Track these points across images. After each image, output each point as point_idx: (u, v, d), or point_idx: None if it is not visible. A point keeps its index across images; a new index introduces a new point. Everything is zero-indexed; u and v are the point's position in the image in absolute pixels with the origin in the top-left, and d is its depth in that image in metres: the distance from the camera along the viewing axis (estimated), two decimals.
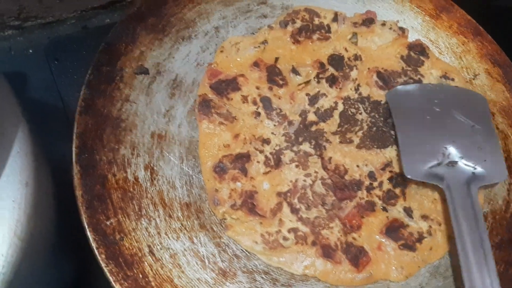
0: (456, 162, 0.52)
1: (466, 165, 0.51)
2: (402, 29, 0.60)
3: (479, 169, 0.51)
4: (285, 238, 0.48)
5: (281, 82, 0.55)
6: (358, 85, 0.56)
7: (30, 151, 0.37)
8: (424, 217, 0.51)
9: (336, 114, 0.55)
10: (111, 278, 0.42)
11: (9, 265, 0.34)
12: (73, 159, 0.46)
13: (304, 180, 0.51)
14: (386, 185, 0.52)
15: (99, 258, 0.42)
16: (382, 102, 0.56)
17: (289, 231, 0.48)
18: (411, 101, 0.56)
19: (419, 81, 0.57)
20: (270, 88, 0.54)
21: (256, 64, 0.55)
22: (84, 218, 0.43)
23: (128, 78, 0.51)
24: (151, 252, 0.44)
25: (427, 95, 0.56)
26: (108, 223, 0.44)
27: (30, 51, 0.75)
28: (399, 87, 0.56)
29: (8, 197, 0.35)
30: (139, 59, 0.52)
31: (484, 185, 0.52)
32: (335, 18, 0.60)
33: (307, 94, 0.55)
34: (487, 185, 0.53)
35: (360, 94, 0.56)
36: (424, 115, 0.54)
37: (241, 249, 0.47)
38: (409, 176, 0.51)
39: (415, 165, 0.51)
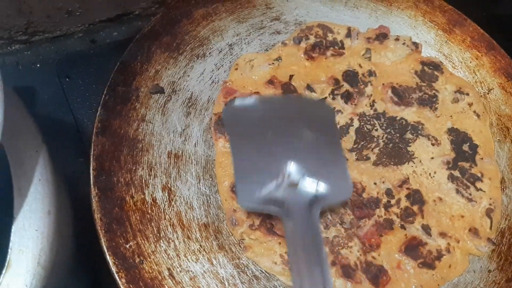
0: (296, 184, 0.46)
1: (308, 185, 0.46)
2: (415, 44, 0.60)
3: (322, 189, 0.46)
4: None
5: None
6: (373, 101, 0.56)
7: (51, 178, 0.37)
8: (442, 235, 0.50)
9: (352, 131, 0.54)
10: None
11: None
12: (91, 181, 0.45)
13: None
14: (404, 203, 0.52)
15: (119, 282, 0.42)
16: (398, 118, 0.56)
17: None
18: (249, 117, 0.49)
19: (435, 96, 0.57)
20: None
21: (270, 81, 0.55)
22: (103, 242, 0.43)
23: (143, 98, 0.51)
24: (171, 275, 0.44)
25: (268, 108, 0.50)
26: (127, 246, 0.44)
27: (38, 65, 0.74)
28: (236, 101, 0.50)
29: (31, 227, 0.35)
30: (155, 78, 0.52)
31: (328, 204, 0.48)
32: (348, 34, 0.59)
33: None
34: (332, 204, 0.48)
35: (375, 110, 0.56)
36: (264, 131, 0.48)
37: (261, 270, 0.47)
38: (243, 207, 0.46)
39: (250, 192, 0.45)
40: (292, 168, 0.46)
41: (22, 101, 0.39)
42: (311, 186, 0.46)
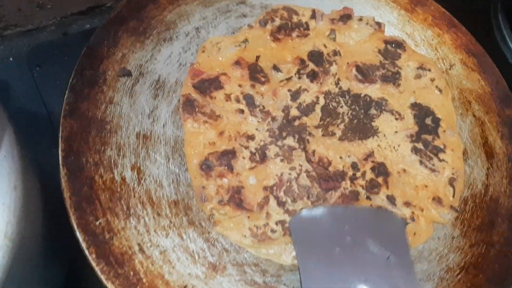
0: None
1: None
2: (378, 24, 0.62)
3: None
4: (273, 231, 0.49)
5: (263, 79, 0.56)
6: (338, 79, 0.58)
7: (17, 155, 0.38)
8: (407, 204, 0.52)
9: (318, 108, 0.56)
10: (102, 277, 0.42)
11: (1, 267, 0.34)
12: (59, 162, 0.46)
13: (289, 174, 0.52)
14: (369, 175, 0.53)
15: (89, 257, 0.43)
16: (362, 95, 0.57)
17: (276, 223, 0.49)
18: (317, 230, 0.48)
19: (398, 73, 0.59)
20: (253, 86, 0.55)
21: (237, 62, 0.56)
22: (73, 220, 0.44)
23: (111, 81, 0.52)
24: (141, 250, 0.45)
25: (336, 220, 0.49)
26: (97, 223, 0.45)
27: (11, 59, 0.75)
28: (303, 212, 0.49)
29: None
30: (122, 61, 0.53)
31: None
32: (313, 15, 0.61)
33: (289, 90, 0.56)
34: None
35: (340, 88, 0.57)
36: (333, 246, 0.47)
37: (230, 243, 0.48)
38: None
39: None
40: None
41: None
42: None
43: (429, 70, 0.60)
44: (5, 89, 0.71)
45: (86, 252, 0.43)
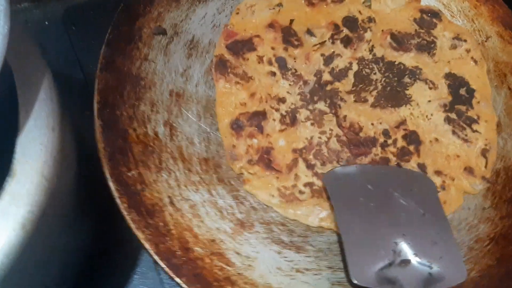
0: (409, 261, 0.44)
1: (420, 264, 0.44)
2: None
3: (435, 268, 0.44)
4: (301, 192, 0.49)
5: (296, 43, 0.56)
6: (372, 46, 0.57)
7: (55, 97, 0.38)
8: (438, 173, 0.51)
9: (350, 74, 0.55)
10: (133, 226, 0.43)
11: (36, 204, 0.35)
12: (94, 114, 0.47)
13: (319, 137, 0.52)
14: (401, 143, 0.53)
15: (121, 207, 0.43)
16: (396, 63, 0.57)
17: (304, 185, 0.49)
18: (351, 185, 0.48)
19: (433, 42, 0.58)
20: (285, 49, 0.55)
21: (271, 25, 0.56)
22: (106, 170, 0.44)
23: (146, 38, 0.52)
24: (171, 202, 0.45)
25: (369, 177, 0.49)
26: (129, 174, 0.45)
27: (46, 23, 0.76)
28: (336, 169, 0.50)
29: (35, 140, 0.36)
30: (157, 20, 0.53)
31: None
32: None
33: (322, 55, 0.56)
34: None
35: (374, 55, 0.57)
36: (368, 202, 0.47)
37: (258, 202, 0.49)
38: (356, 282, 0.43)
39: (364, 268, 0.43)
40: (403, 245, 0.45)
41: (26, 31, 0.41)
42: (424, 265, 0.44)
43: (465, 41, 0.59)
44: (42, 53, 0.72)
45: (118, 201, 0.44)
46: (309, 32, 0.56)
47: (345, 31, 0.57)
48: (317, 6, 0.58)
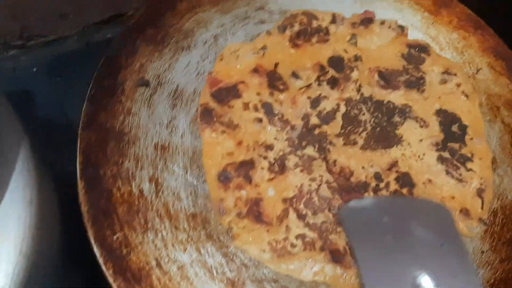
0: None
1: None
2: (401, 27, 0.59)
3: None
4: (292, 245, 0.48)
5: (281, 87, 0.55)
6: (360, 85, 0.56)
7: (33, 168, 0.37)
8: None
9: (338, 116, 0.54)
10: None
11: (15, 284, 0.34)
12: (77, 174, 0.46)
13: (310, 185, 0.50)
14: (393, 186, 0.51)
15: (107, 273, 0.43)
16: (385, 102, 0.56)
17: (296, 237, 0.48)
18: (368, 219, 0.48)
19: (422, 78, 0.57)
20: (271, 94, 0.54)
21: (256, 70, 0.55)
22: (90, 234, 0.44)
23: (129, 91, 0.51)
24: (158, 265, 0.44)
25: (385, 209, 0.49)
26: (114, 237, 0.44)
27: (34, 69, 0.75)
28: (351, 202, 0.49)
29: (12, 215, 0.36)
30: (140, 71, 0.53)
31: None
32: (333, 20, 0.59)
33: (309, 98, 0.55)
34: None
35: (362, 94, 0.56)
36: (385, 235, 0.47)
37: (249, 258, 0.47)
38: None
39: None
40: (422, 279, 0.44)
41: (2, 96, 0.40)
42: None
43: (455, 74, 0.58)
44: (29, 100, 0.71)
45: (104, 267, 0.43)
46: (295, 75, 0.55)
47: (331, 71, 0.56)
48: (301, 47, 0.57)
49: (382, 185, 0.51)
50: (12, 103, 0.70)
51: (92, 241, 0.43)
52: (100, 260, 0.43)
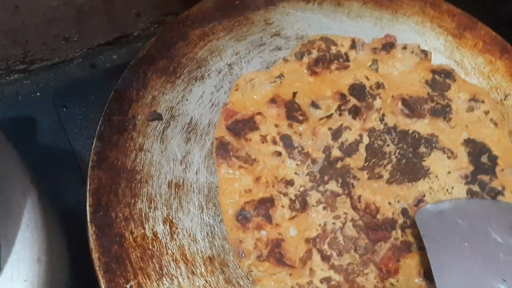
0: None
1: None
2: (424, 52, 0.57)
3: None
4: None
5: (301, 117, 0.52)
6: (383, 114, 0.53)
7: (40, 223, 0.35)
8: None
9: (362, 148, 0.51)
10: None
11: None
12: (87, 218, 0.43)
13: (334, 223, 0.47)
14: None
15: None
16: (410, 131, 0.53)
17: (321, 281, 0.45)
18: (445, 224, 0.46)
19: (448, 106, 0.54)
20: (290, 125, 0.51)
21: (273, 100, 0.52)
22: (102, 283, 0.41)
23: (141, 126, 0.49)
24: None
25: (463, 214, 0.47)
26: (127, 286, 0.41)
27: (38, 94, 0.73)
28: (429, 206, 0.48)
29: (19, 276, 0.33)
30: (152, 104, 0.50)
31: None
32: (353, 45, 0.57)
33: (330, 129, 0.52)
34: None
35: (385, 124, 0.53)
36: (463, 242, 0.44)
37: None
38: None
39: None
40: None
41: (10, 143, 0.37)
42: None
43: (483, 101, 0.55)
44: (32, 126, 0.69)
45: None
46: (314, 104, 0.53)
47: (353, 100, 0.53)
48: (320, 74, 0.54)
49: (409, 221, 0.48)
50: (15, 129, 0.68)
51: None
52: None
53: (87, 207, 0.43)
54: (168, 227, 0.45)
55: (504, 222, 0.46)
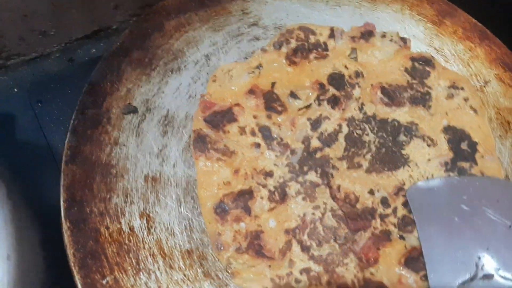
0: (492, 276, 0.43)
1: (504, 279, 0.43)
2: (403, 40, 0.56)
3: None
4: (297, 281, 0.44)
5: (279, 108, 0.51)
6: (362, 104, 0.53)
7: (10, 219, 0.34)
8: None
9: (341, 138, 0.51)
10: None
11: None
12: (61, 214, 0.42)
13: (313, 214, 0.47)
14: (401, 211, 0.48)
15: None
16: (389, 120, 0.52)
17: (301, 272, 0.44)
18: (435, 199, 0.48)
19: (428, 93, 0.54)
20: (269, 116, 0.51)
21: (251, 91, 0.52)
22: (77, 279, 0.40)
23: (115, 120, 0.48)
24: None
25: (453, 190, 0.49)
26: (104, 282, 0.41)
27: (15, 90, 0.72)
28: (420, 183, 0.49)
29: None
30: (126, 97, 0.49)
31: None
32: (332, 34, 0.56)
33: (309, 119, 0.51)
34: None
35: (365, 113, 0.52)
36: (451, 216, 0.47)
37: None
38: None
39: (444, 282, 0.43)
40: (486, 259, 0.44)
41: None
42: (508, 279, 0.43)
43: (462, 88, 0.54)
44: (10, 122, 0.68)
45: None
46: (293, 95, 0.52)
47: (332, 90, 0.53)
48: (299, 64, 0.54)
49: (389, 210, 0.48)
50: None
51: (80, 287, 0.40)
52: None
53: (61, 203, 0.43)
54: (145, 221, 0.45)
55: (493, 196, 0.48)
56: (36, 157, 0.58)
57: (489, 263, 0.44)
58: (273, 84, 0.52)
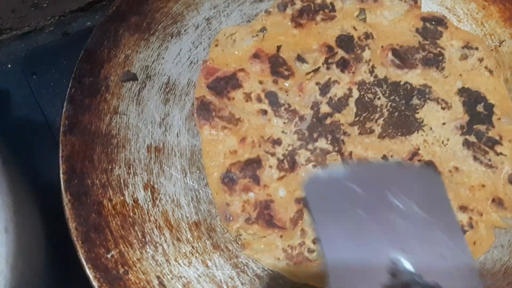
0: (409, 285, 0.35)
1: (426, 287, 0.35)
2: None
3: None
4: (310, 250, 0.42)
5: (286, 73, 0.49)
6: (373, 66, 0.50)
7: (7, 190, 0.32)
8: (463, 208, 0.45)
9: (351, 102, 0.49)
10: None
11: None
12: (61, 186, 0.40)
13: None
14: None
15: None
16: (402, 83, 0.50)
17: (313, 241, 0.43)
18: (338, 192, 0.40)
19: (440, 54, 0.51)
20: (275, 81, 0.48)
21: (256, 55, 0.49)
22: (81, 254, 0.38)
23: (114, 88, 0.45)
24: (161, 283, 0.39)
25: (359, 179, 0.40)
26: (109, 256, 0.39)
27: (9, 65, 0.69)
28: (320, 172, 0.43)
29: None
30: (125, 64, 0.46)
31: None
32: None
33: (317, 83, 0.49)
34: None
35: (376, 76, 0.50)
36: (356, 209, 0.38)
37: (262, 268, 0.42)
38: None
39: None
40: (402, 263, 0.36)
41: None
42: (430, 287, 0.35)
43: (476, 48, 0.52)
44: (5, 98, 0.65)
45: None
46: (300, 58, 0.49)
47: (340, 52, 0.50)
48: (305, 26, 0.51)
49: None
50: None
51: (84, 261, 0.38)
52: (94, 283, 0.37)
53: (60, 175, 0.40)
54: (149, 193, 0.43)
55: (404, 185, 0.40)
56: (33, 131, 0.56)
57: (406, 270, 0.36)
58: (278, 47, 0.50)
